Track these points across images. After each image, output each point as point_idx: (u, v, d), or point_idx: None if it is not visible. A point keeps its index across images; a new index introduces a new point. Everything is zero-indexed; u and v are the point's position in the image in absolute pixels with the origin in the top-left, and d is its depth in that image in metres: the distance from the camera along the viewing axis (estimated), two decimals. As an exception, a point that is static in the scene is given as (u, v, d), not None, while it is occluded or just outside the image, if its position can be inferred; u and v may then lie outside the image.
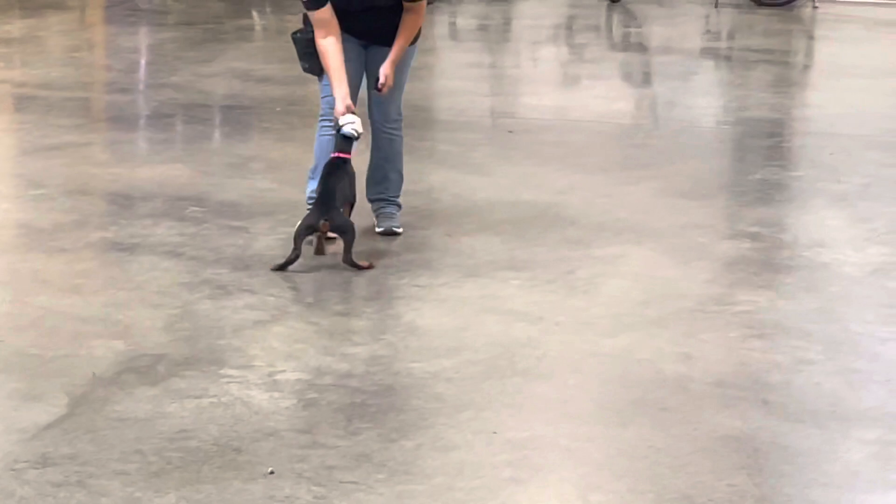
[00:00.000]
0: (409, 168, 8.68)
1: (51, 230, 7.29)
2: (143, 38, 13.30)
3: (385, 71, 7.03)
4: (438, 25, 14.21)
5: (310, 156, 8.89)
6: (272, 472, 4.78)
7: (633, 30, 14.27)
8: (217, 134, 9.56)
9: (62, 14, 14.19)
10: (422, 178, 8.53)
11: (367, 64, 7.18)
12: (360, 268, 6.77)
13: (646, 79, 12.15)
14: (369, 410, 5.27)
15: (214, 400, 5.34)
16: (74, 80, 11.29)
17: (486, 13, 14.98)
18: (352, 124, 6.97)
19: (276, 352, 5.84)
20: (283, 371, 5.61)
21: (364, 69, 7.19)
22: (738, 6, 15.64)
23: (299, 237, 6.76)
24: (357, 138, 7.04)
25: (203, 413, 5.23)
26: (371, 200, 7.44)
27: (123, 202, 7.83)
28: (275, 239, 7.26)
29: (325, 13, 6.83)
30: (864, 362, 5.91)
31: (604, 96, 11.20)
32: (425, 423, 5.19)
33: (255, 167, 7.69)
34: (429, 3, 14.97)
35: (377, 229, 7.28)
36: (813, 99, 11.48)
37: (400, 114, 7.38)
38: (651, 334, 6.14)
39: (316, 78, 7.30)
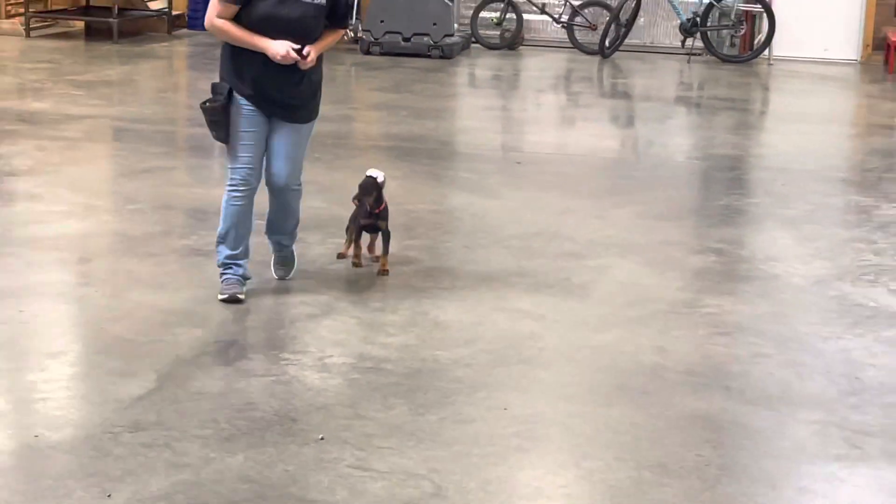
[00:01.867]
0: (436, 192, 8.74)
1: (142, 238, 7.31)
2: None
3: (311, 49, 5.96)
4: (460, 76, 14.20)
5: (354, 182, 8.90)
6: (322, 439, 4.82)
7: (619, 81, 14.23)
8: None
9: (153, 62, 14.17)
10: (445, 200, 8.57)
11: (269, 135, 6.18)
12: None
13: (629, 121, 12.15)
14: (401, 389, 5.31)
15: (275, 378, 5.38)
16: (162, 116, 11.29)
17: (499, 65, 14.94)
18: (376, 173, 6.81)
19: (325, 340, 5.87)
20: (331, 356, 5.65)
21: (265, 140, 6.19)
22: (706, 62, 15.57)
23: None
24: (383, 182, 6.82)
25: (266, 389, 5.27)
26: (270, 240, 6.66)
27: (201, 216, 7.83)
28: (325, 248, 7.27)
29: (231, 11, 5.83)
30: (809, 357, 5.93)
31: (595, 135, 11.19)
32: (447, 400, 5.23)
33: (309, 189, 7.66)
34: (449, 58, 15.05)
35: (275, 276, 6.64)
36: (767, 140, 11.46)
37: (295, 180, 6.43)
38: (633, 331, 6.16)
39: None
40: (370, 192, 6.60)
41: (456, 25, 15.57)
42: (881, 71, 15.50)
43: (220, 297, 6.14)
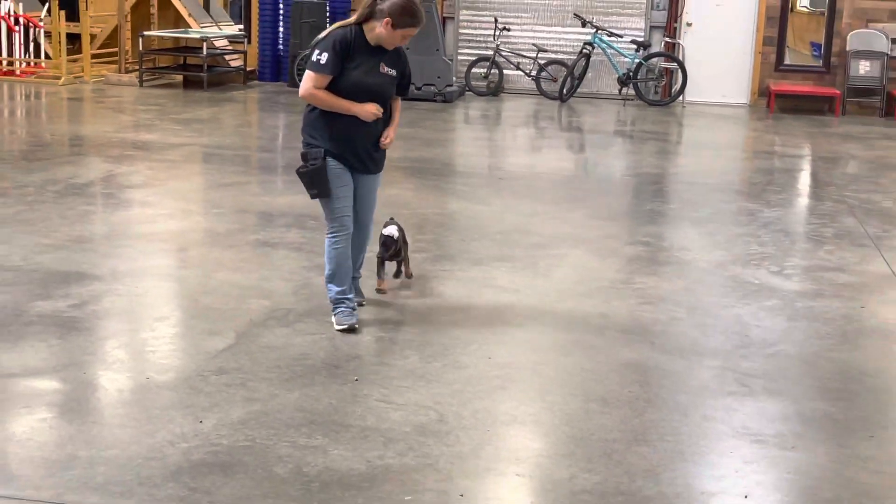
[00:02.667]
0: (439, 200, 8.73)
1: (224, 233, 7.33)
2: (280, 119, 13.34)
3: (389, 133, 5.52)
4: (457, 115, 14.18)
5: (385, 192, 8.90)
6: (356, 380, 4.86)
7: (573, 119, 14.23)
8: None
9: (233, 104, 14.19)
10: (447, 206, 8.58)
11: (355, 189, 5.53)
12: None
13: (581, 148, 12.15)
14: (414, 344, 5.34)
15: (322, 336, 5.40)
16: (239, 145, 11.29)
17: (486, 108, 14.93)
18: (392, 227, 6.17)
19: (358, 308, 5.86)
20: (363, 319, 5.64)
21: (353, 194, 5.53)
22: (637, 105, 15.57)
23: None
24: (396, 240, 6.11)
25: (315, 344, 5.29)
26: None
27: (268, 217, 7.87)
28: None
29: (326, 81, 5.25)
30: (711, 320, 5.96)
31: (556, 158, 11.22)
32: (448, 352, 5.25)
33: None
34: (450, 102, 15.06)
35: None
36: (681, 161, 11.48)
37: (372, 225, 5.83)
38: (583, 301, 6.18)
39: None
40: (389, 247, 6.08)
41: (454, 78, 15.56)
42: (764, 111, 15.50)
43: (338, 327, 5.41)
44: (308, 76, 5.27)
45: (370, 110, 5.27)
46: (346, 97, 5.26)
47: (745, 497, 3.90)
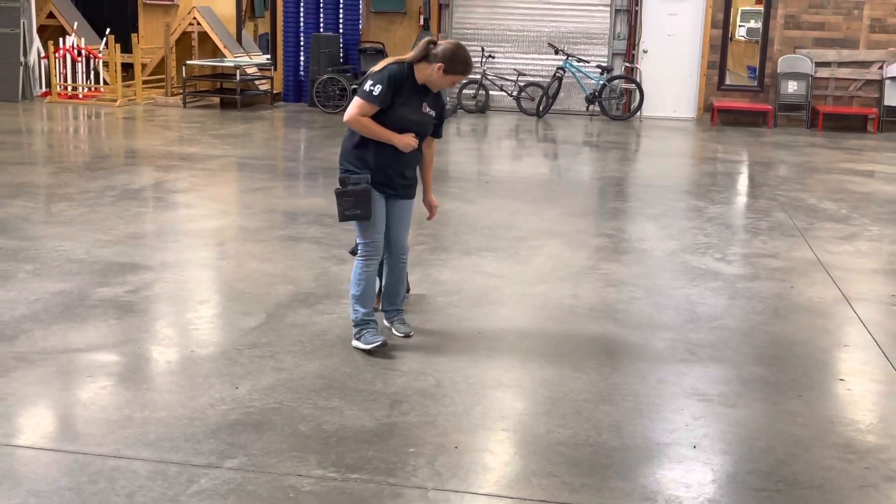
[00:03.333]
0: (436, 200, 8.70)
1: (255, 230, 7.33)
2: (302, 134, 13.29)
3: (432, 203, 5.30)
4: (451, 129, 14.17)
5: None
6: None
7: (548, 132, 14.22)
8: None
9: (262, 122, 14.17)
10: (442, 205, 8.48)
11: (389, 213, 5.01)
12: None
13: (555, 156, 12.14)
14: (415, 320, 5.33)
15: (337, 315, 5.40)
16: (267, 156, 11.25)
17: (475, 123, 14.92)
18: None
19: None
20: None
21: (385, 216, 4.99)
22: (601, 120, 15.58)
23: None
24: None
25: (332, 322, 5.29)
26: (385, 311, 5.22)
27: (292, 216, 7.85)
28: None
29: (373, 111, 4.75)
30: (664, 299, 5.96)
31: (534, 165, 11.22)
32: (444, 327, 5.26)
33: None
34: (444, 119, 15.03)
35: (398, 334, 5.09)
36: (639, 167, 11.48)
37: (407, 248, 5.18)
38: (557, 285, 6.18)
39: None
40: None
41: (448, 98, 15.54)
42: (708, 124, 15.50)
43: (367, 347, 4.83)
44: (357, 103, 4.73)
45: (407, 141, 4.79)
46: (394, 129, 4.79)
47: (694, 447, 3.91)
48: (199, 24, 16.37)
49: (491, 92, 16.22)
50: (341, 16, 16.43)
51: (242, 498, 3.38)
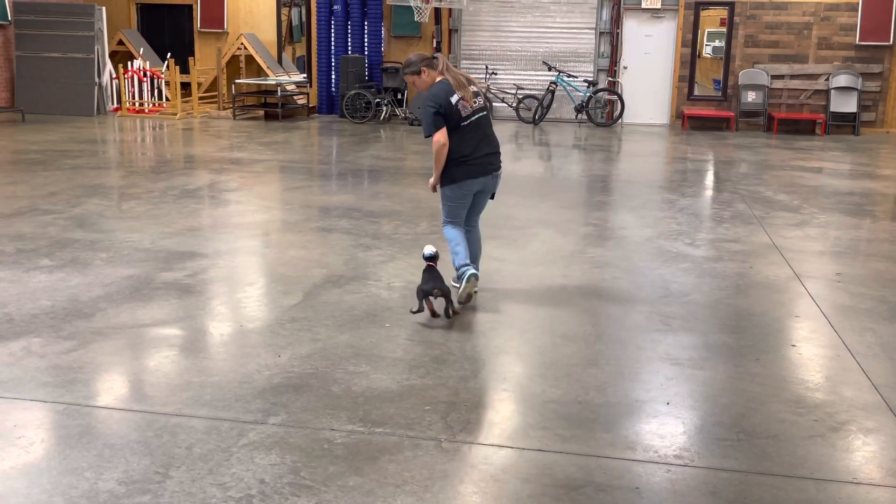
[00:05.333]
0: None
1: (295, 223, 7.32)
2: (334, 141, 13.25)
3: (431, 181, 5.21)
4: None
5: (407, 192, 8.86)
6: (388, 325, 4.82)
7: (543, 137, 14.15)
8: (365, 182, 9.53)
9: (299, 131, 14.14)
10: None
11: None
12: (453, 312, 4.94)
13: (549, 157, 12.08)
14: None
15: (364, 294, 5.39)
16: (305, 159, 11.26)
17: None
18: (431, 248, 5.08)
19: (391, 274, 5.86)
20: (394, 283, 5.65)
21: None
22: (588, 127, 15.51)
23: (422, 296, 4.87)
24: (436, 255, 5.07)
25: (360, 300, 5.28)
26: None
27: (326, 210, 7.84)
28: (391, 227, 7.24)
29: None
30: (641, 278, 5.93)
31: (530, 165, 11.16)
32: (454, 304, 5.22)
33: (382, 196, 7.65)
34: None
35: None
36: (620, 166, 11.40)
37: (445, 228, 5.19)
38: (550, 267, 6.15)
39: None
40: (440, 282, 4.93)
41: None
42: (680, 129, 15.41)
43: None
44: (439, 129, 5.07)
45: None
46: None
47: (668, 403, 3.89)
48: (245, 48, 16.35)
49: (494, 103, 16.16)
50: (366, 40, 16.38)
51: (285, 449, 3.38)
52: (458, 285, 5.11)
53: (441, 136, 4.92)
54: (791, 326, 5.06)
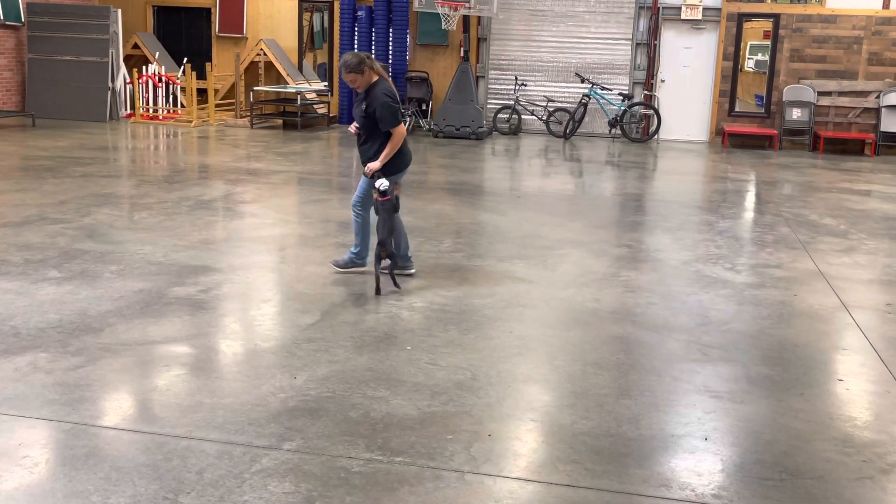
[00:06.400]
0: (473, 213, 8.70)
1: (313, 237, 7.35)
2: (354, 153, 13.31)
3: (370, 165, 5.86)
4: (486, 149, 14.17)
5: (430, 207, 8.88)
6: (410, 348, 4.82)
7: (574, 152, 14.15)
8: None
9: (320, 141, 14.23)
10: (478, 217, 8.55)
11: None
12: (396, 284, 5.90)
13: (580, 174, 12.06)
14: (454, 320, 5.32)
15: (384, 314, 5.40)
16: (324, 171, 11.28)
17: (508, 144, 14.90)
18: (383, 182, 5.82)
19: (412, 293, 5.87)
20: (415, 302, 5.65)
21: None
22: (622, 142, 15.50)
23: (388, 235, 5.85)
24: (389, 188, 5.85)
25: (379, 321, 5.29)
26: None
27: (345, 225, 7.87)
28: (414, 244, 7.25)
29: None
30: (679, 304, 5.89)
31: (561, 181, 11.14)
32: (479, 327, 5.23)
33: (404, 211, 7.65)
34: (481, 140, 15.04)
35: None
36: (656, 184, 11.37)
37: (356, 208, 6.05)
38: (581, 290, 6.13)
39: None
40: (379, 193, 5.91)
41: (484, 121, 15.53)
42: (720, 147, 15.36)
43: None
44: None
45: (350, 127, 5.97)
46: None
47: (706, 439, 3.86)
48: (265, 54, 16.51)
49: (523, 116, 16.20)
50: (391, 47, 16.48)
51: (299, 476, 3.38)
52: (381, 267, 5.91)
53: (403, 128, 5.82)
54: (838, 360, 5.00)
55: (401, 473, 3.44)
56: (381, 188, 5.81)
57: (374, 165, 5.85)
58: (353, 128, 5.92)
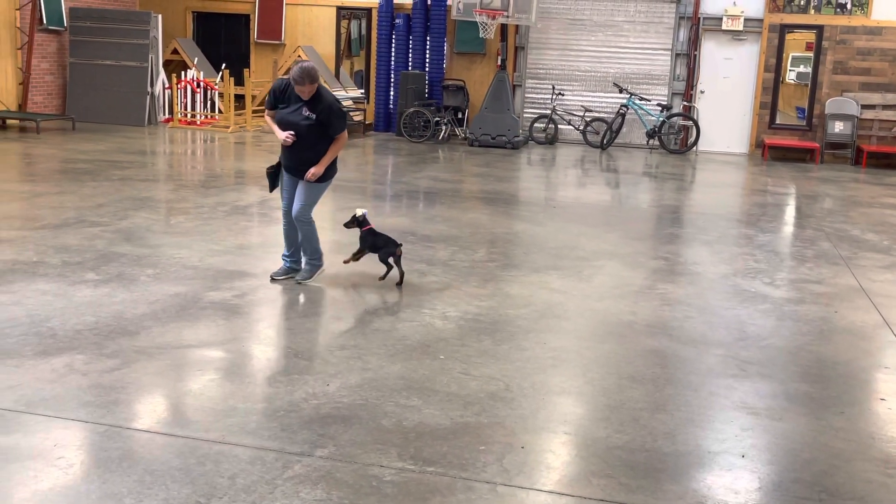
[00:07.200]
0: (508, 222, 8.68)
1: (347, 244, 7.36)
2: (389, 160, 13.38)
3: (312, 170, 5.88)
4: (522, 159, 14.15)
5: (466, 217, 8.89)
6: (443, 357, 4.82)
7: (611, 163, 14.09)
8: (421, 204, 9.59)
9: (355, 149, 14.32)
10: (513, 226, 8.54)
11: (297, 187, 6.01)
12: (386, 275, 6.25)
13: (616, 184, 12.01)
14: (487, 331, 5.31)
15: (418, 323, 5.40)
16: (359, 178, 11.33)
17: (544, 153, 14.88)
18: (363, 210, 6.32)
19: (446, 303, 5.87)
20: (449, 312, 5.65)
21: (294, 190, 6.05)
22: (660, 153, 15.41)
23: (386, 258, 6.20)
24: (363, 216, 6.29)
25: (413, 329, 5.29)
26: (283, 256, 6.34)
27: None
28: (447, 252, 7.26)
29: (271, 114, 5.91)
30: (716, 318, 5.84)
31: (597, 192, 11.10)
32: (512, 338, 5.21)
33: (438, 219, 7.65)
34: (517, 149, 15.03)
35: (274, 275, 6.23)
36: (694, 196, 11.28)
37: (302, 216, 6.04)
38: (617, 302, 6.10)
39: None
40: (350, 225, 6.35)
41: (520, 130, 15.53)
42: (759, 159, 15.22)
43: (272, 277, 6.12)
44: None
45: (281, 137, 5.83)
46: (278, 125, 5.86)
47: (743, 456, 3.81)
48: (302, 60, 16.62)
49: (559, 126, 16.17)
50: (427, 55, 16.55)
51: (331, 484, 3.39)
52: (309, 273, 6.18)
53: (346, 133, 5.93)
54: (879, 378, 4.92)
55: (433, 483, 3.43)
56: (359, 215, 6.23)
57: (317, 171, 5.87)
58: (289, 136, 5.78)
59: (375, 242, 6.25)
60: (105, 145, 13.09)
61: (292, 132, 5.79)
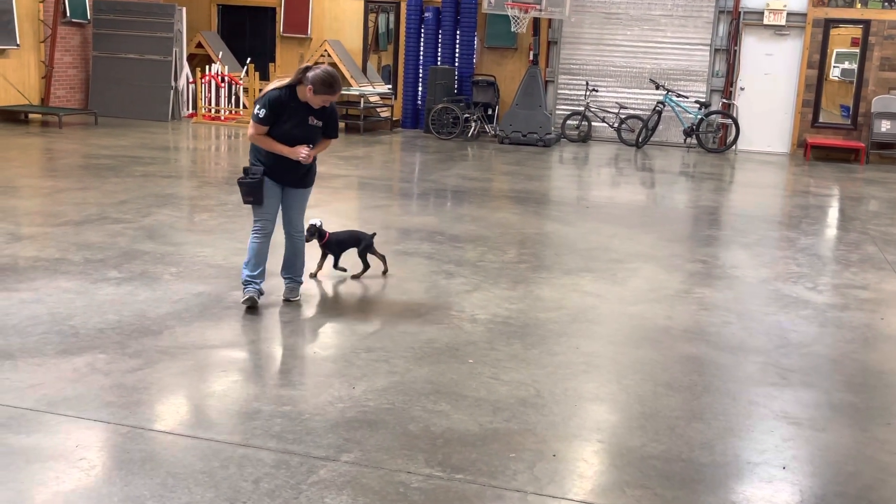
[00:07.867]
0: (539, 222, 8.66)
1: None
2: (417, 158, 13.40)
3: (310, 151, 5.45)
4: (554, 157, 14.11)
5: (494, 216, 8.87)
6: (472, 361, 4.82)
7: (646, 162, 14.01)
8: (449, 203, 9.58)
9: (382, 146, 14.36)
10: (544, 227, 8.52)
11: (283, 199, 5.58)
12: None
13: (652, 184, 11.94)
14: (517, 334, 5.30)
15: (446, 326, 5.40)
16: (385, 176, 11.39)
17: (577, 151, 14.83)
18: (318, 220, 6.24)
19: (475, 305, 5.86)
20: (477, 314, 5.65)
21: (280, 203, 5.59)
22: (698, 152, 15.31)
23: (364, 254, 6.28)
24: (320, 225, 6.20)
25: (440, 332, 5.29)
26: (283, 278, 5.81)
27: (406, 232, 7.90)
28: (475, 252, 7.26)
29: (263, 130, 5.28)
30: (756, 324, 5.78)
31: (631, 192, 11.04)
32: (543, 341, 5.20)
33: (467, 219, 7.64)
34: (548, 147, 14.98)
35: (284, 296, 5.75)
36: (733, 197, 11.20)
37: (302, 228, 5.76)
38: (652, 306, 6.06)
39: None
40: (311, 235, 6.09)
41: (553, 128, 15.48)
42: (801, 159, 15.07)
43: (242, 300, 5.52)
44: (251, 125, 5.33)
45: (299, 153, 5.36)
46: (279, 141, 5.33)
47: (784, 468, 3.77)
48: (329, 55, 16.71)
49: (593, 123, 16.11)
50: (457, 50, 16.55)
51: (357, 490, 3.40)
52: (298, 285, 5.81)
53: None
54: (928, 388, 4.86)
55: (461, 491, 3.43)
56: (317, 224, 6.13)
57: (314, 152, 5.50)
58: (309, 152, 5.41)
59: (346, 242, 6.27)
60: (128, 140, 13.21)
61: (308, 146, 5.42)
